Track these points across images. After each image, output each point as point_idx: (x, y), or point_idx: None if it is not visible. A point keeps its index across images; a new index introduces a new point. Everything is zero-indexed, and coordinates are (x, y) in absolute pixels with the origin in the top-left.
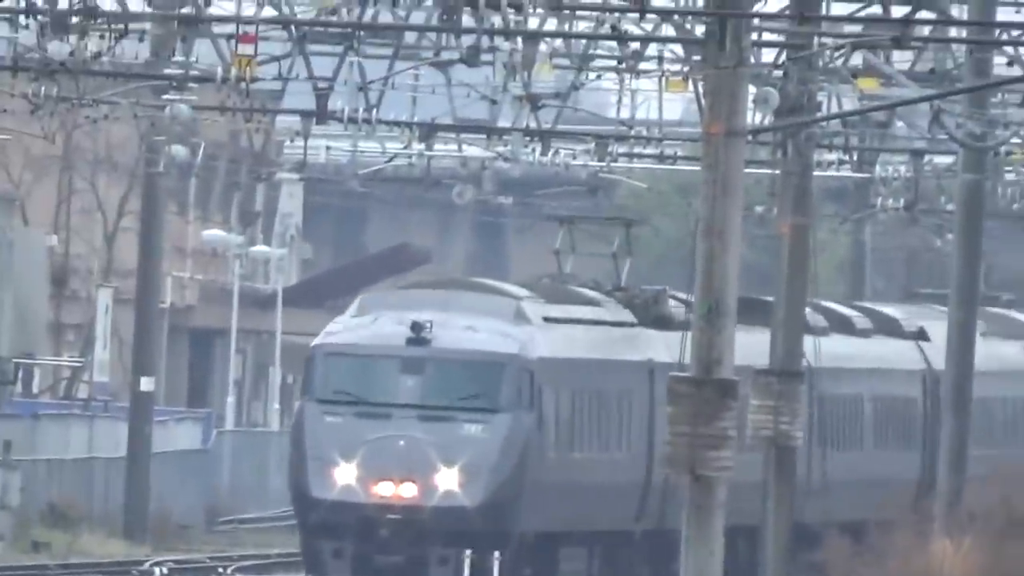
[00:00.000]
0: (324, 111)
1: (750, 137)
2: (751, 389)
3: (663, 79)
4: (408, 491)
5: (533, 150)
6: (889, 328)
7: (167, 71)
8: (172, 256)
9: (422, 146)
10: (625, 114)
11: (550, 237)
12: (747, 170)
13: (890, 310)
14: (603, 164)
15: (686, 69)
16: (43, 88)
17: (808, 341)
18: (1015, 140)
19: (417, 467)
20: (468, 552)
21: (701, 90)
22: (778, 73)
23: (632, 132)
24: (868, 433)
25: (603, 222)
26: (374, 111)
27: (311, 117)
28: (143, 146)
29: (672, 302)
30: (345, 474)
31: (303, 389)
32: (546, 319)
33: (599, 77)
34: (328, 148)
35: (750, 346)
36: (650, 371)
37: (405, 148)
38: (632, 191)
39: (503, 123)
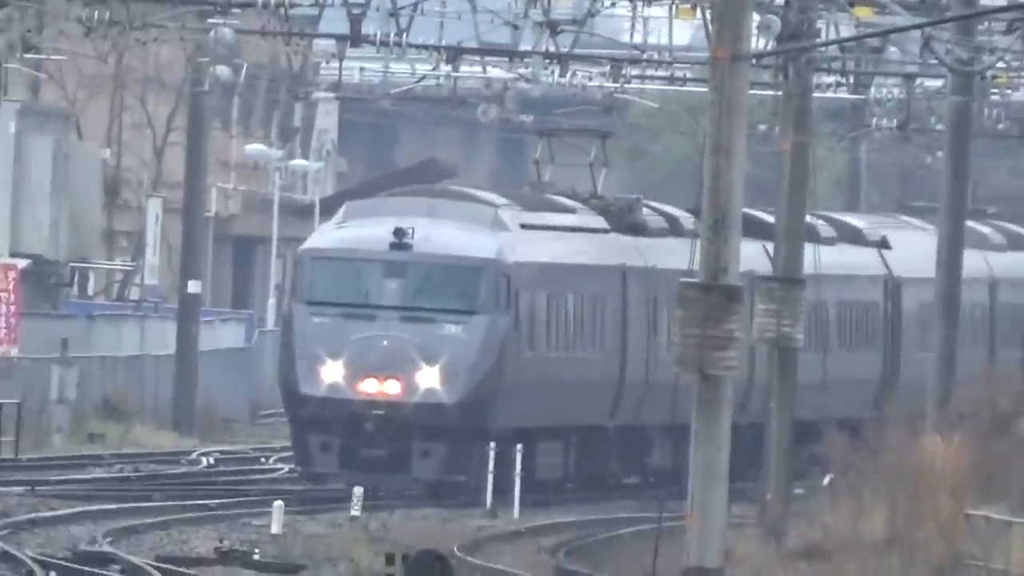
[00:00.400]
0: (358, 35)
1: (754, 61)
2: (755, 295)
3: (673, 6)
4: (391, 388)
5: (552, 72)
6: (852, 236)
7: None
8: (217, 169)
9: (449, 68)
10: (638, 39)
11: (566, 152)
12: (751, 92)
13: (853, 219)
14: (617, 85)
15: None
16: (96, 12)
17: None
18: (1000, 65)
19: (400, 365)
20: (492, 444)
21: (708, 17)
22: (780, 1)
23: (644, 56)
24: (833, 335)
25: (580, 134)
26: (404, 35)
27: (346, 40)
28: (189, 67)
29: (646, 210)
30: (332, 372)
31: (291, 292)
32: (523, 225)
33: (613, 4)
34: (362, 69)
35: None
36: (623, 275)
37: (433, 70)
38: (644, 111)
39: (524, 47)
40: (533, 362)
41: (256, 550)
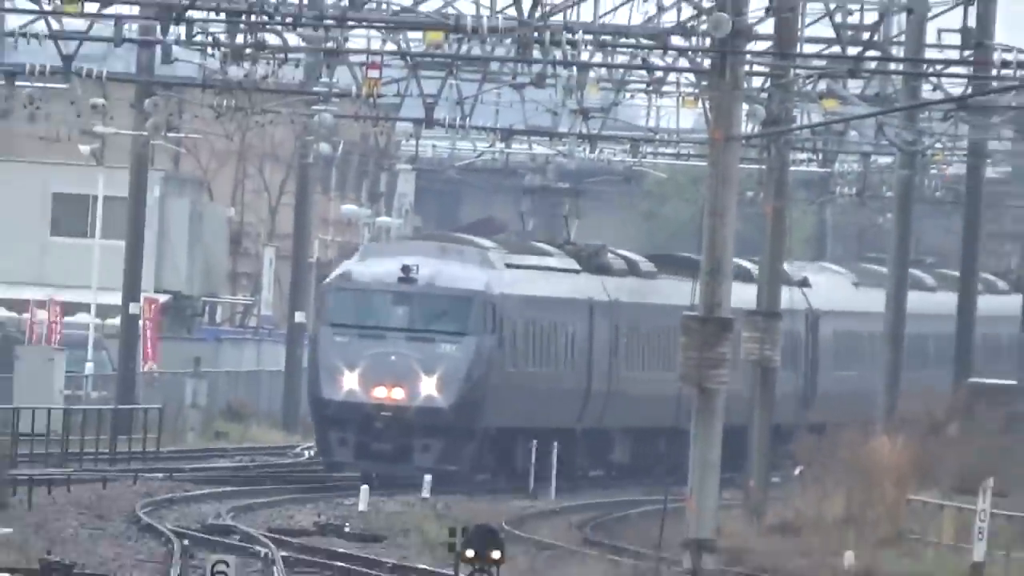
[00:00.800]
0: (431, 119)
1: (743, 141)
2: (743, 326)
3: (680, 98)
4: (398, 394)
5: (584, 149)
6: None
7: (315, 89)
8: (319, 224)
9: (502, 145)
10: (652, 123)
11: (593, 212)
12: (741, 166)
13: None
14: (635, 160)
15: (697, 91)
16: (224, 100)
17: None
18: (937, 146)
19: (405, 376)
20: (534, 442)
21: (708, 106)
22: (764, 95)
23: (656, 137)
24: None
25: (557, 192)
26: (467, 119)
27: (421, 123)
28: (298, 144)
29: (610, 255)
30: (350, 381)
31: (318, 316)
32: (507, 265)
33: (632, 96)
34: (434, 146)
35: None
36: (590, 307)
37: (490, 147)
38: (656, 180)
39: (562, 129)
40: (514, 375)
41: (347, 524)
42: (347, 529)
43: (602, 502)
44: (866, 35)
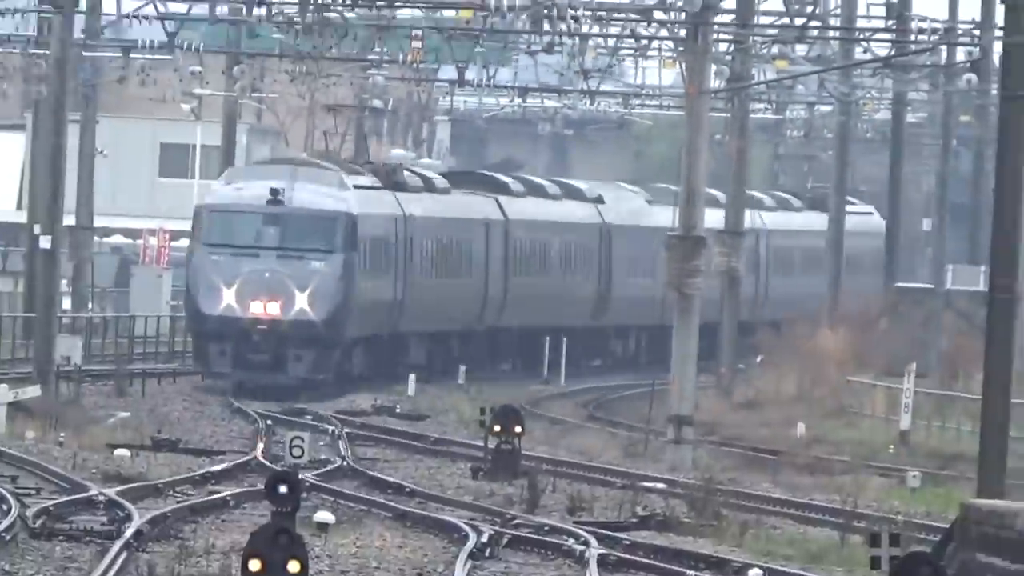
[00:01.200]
0: (462, 80)
1: (712, 95)
2: (715, 241)
3: (661, 60)
4: (273, 309)
5: (585, 102)
6: (575, 194)
7: (370, 56)
8: None
9: (520, 100)
10: (639, 81)
11: (593, 152)
12: (710, 114)
13: (577, 182)
14: (626, 111)
15: (675, 54)
16: (296, 67)
17: (504, 200)
18: (868, 97)
19: (279, 292)
20: (547, 339)
21: (684, 67)
22: (729, 57)
23: (643, 91)
24: (555, 265)
25: (355, 109)
26: (492, 79)
27: (455, 83)
28: (356, 100)
29: (407, 173)
30: (227, 297)
31: (193, 237)
32: (355, 186)
33: (623, 60)
34: (465, 101)
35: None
36: (395, 220)
37: (510, 101)
38: (643, 127)
39: (567, 86)
40: (367, 288)
41: (398, 406)
42: (398, 410)
43: (600, 386)
44: (809, 8)
